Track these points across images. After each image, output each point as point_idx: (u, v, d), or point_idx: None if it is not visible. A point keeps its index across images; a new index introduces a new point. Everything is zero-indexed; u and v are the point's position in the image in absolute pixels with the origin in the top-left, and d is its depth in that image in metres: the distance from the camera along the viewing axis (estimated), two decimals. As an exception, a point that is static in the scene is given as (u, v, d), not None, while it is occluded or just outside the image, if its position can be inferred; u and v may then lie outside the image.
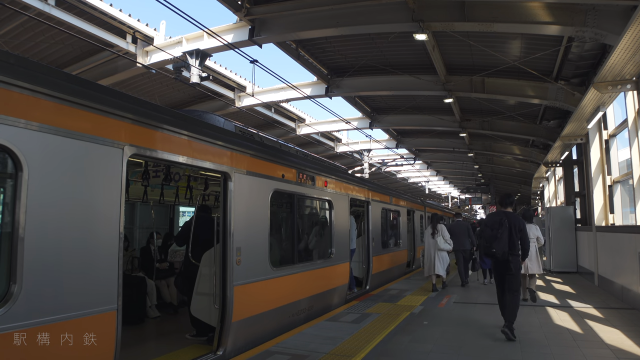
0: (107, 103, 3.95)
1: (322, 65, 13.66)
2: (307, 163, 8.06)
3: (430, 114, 17.28)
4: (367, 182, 11.92)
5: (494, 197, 32.66)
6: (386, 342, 6.05)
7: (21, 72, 3.30)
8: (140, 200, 9.02)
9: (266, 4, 9.85)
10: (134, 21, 10.97)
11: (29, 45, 10.88)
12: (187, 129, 4.96)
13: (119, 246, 3.94)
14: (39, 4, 9.08)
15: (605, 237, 10.56)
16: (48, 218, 3.40)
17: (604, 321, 7.27)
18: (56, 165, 3.50)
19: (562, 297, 9.69)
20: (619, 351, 5.58)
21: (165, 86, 14.36)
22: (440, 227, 11.18)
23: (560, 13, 8.24)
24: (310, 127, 19.59)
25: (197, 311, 5.90)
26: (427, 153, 26.91)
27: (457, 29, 9.26)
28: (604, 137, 11.54)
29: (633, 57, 6.80)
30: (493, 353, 5.59)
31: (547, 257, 15.24)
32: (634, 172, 8.71)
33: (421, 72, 12.94)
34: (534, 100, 12.97)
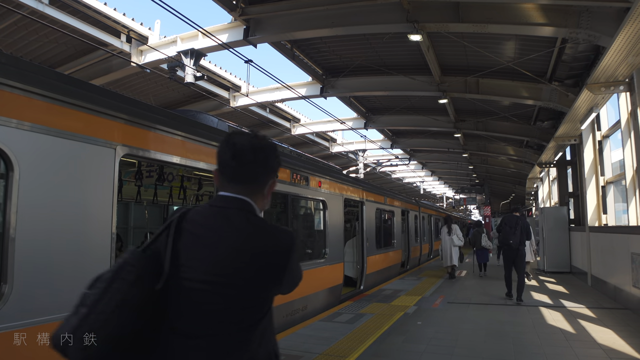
0: (99, 103, 3.93)
1: (317, 66, 13.66)
2: (301, 163, 8.06)
3: (425, 114, 17.33)
4: (362, 183, 11.94)
5: (488, 198, 32.80)
6: (380, 343, 6.05)
7: (12, 71, 3.28)
8: (133, 200, 8.99)
9: (261, 3, 9.84)
10: (129, 20, 10.92)
11: (23, 44, 10.81)
12: (181, 129, 4.95)
13: (111, 247, 3.91)
14: (32, 3, 9.01)
15: (599, 238, 10.62)
16: (39, 218, 3.38)
17: (596, 321, 7.31)
18: (48, 166, 3.47)
19: (555, 297, 9.74)
20: (611, 351, 5.61)
21: (160, 86, 14.32)
22: (454, 227, 13.31)
23: (554, 15, 8.28)
24: (305, 127, 19.58)
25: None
26: (421, 153, 26.98)
27: (452, 30, 9.28)
28: (597, 138, 11.60)
29: (626, 58, 6.84)
30: (486, 353, 5.61)
31: (541, 257, 15.30)
32: (627, 173, 8.77)
33: (416, 73, 12.97)
34: (528, 101, 13.04)
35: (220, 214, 1.52)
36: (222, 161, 1.55)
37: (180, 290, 1.44)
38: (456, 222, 14.39)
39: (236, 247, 1.46)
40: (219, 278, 1.43)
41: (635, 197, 8.25)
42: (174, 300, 1.45)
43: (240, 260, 1.45)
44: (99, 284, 1.39)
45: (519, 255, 9.03)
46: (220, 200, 1.55)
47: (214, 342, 1.43)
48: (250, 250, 1.46)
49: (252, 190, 1.57)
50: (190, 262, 1.45)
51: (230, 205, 1.53)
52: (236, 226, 1.49)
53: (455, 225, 13.44)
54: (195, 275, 1.44)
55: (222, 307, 1.43)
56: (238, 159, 1.53)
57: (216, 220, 1.51)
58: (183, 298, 1.44)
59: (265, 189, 1.61)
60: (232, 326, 1.44)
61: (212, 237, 1.47)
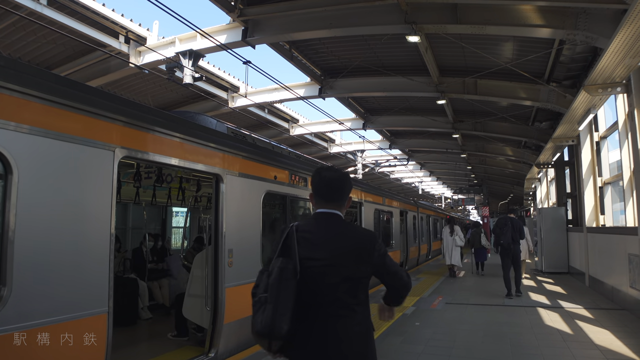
0: (98, 105, 3.94)
1: (315, 66, 13.66)
2: (299, 164, 8.07)
3: (424, 115, 17.33)
4: (360, 183, 11.95)
5: (486, 198, 32.84)
6: (378, 343, 6.02)
7: (11, 74, 3.29)
8: (132, 201, 8.99)
9: (259, 5, 9.84)
10: (127, 21, 10.90)
11: (20, 45, 10.79)
12: (179, 131, 4.96)
13: (109, 249, 3.92)
14: (30, 4, 8.99)
15: (596, 238, 10.65)
16: (38, 221, 3.39)
17: (594, 322, 7.34)
18: (47, 168, 3.48)
19: (553, 297, 9.77)
20: (608, 352, 5.64)
21: (158, 86, 14.30)
22: (456, 228, 14.23)
23: (552, 16, 8.30)
24: (304, 127, 19.58)
25: (189, 313, 5.90)
26: (420, 154, 26.98)
27: (450, 31, 9.29)
28: (594, 139, 11.65)
29: (623, 60, 6.86)
30: (484, 354, 5.63)
31: (539, 257, 15.34)
32: (624, 174, 8.80)
33: (414, 74, 12.98)
34: (526, 102, 13.05)
35: (324, 223, 2.37)
36: (318, 189, 2.43)
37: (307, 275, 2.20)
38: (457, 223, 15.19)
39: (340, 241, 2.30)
40: (334, 260, 2.23)
41: (633, 198, 8.28)
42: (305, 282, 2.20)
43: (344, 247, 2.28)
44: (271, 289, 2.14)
45: (514, 253, 9.75)
46: (322, 215, 2.40)
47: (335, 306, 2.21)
48: (348, 241, 2.31)
49: (339, 206, 2.43)
50: (312, 255, 2.24)
51: (330, 217, 2.38)
52: (337, 228, 2.35)
53: (457, 227, 14.40)
54: (316, 263, 2.22)
55: (338, 281, 2.22)
56: (330, 187, 2.41)
57: (324, 227, 2.35)
58: (310, 279, 2.20)
59: (345, 204, 2.45)
60: (345, 294, 2.22)
61: (323, 237, 2.30)
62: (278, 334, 2.11)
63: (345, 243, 2.30)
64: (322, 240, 2.29)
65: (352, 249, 2.29)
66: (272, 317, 2.09)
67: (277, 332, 2.10)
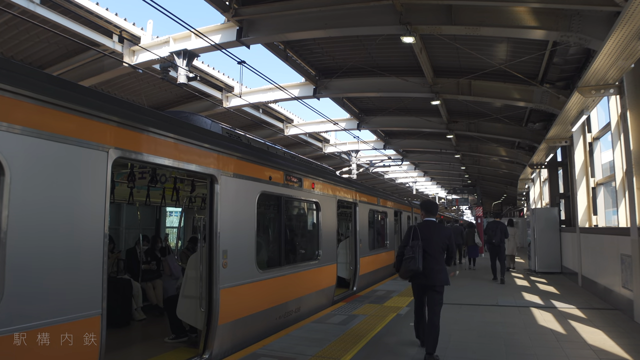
0: (91, 105, 3.91)
1: (310, 67, 13.66)
2: (294, 165, 8.06)
3: (418, 115, 17.39)
4: (355, 184, 11.95)
5: (480, 198, 32.95)
6: (373, 344, 6.07)
7: (3, 73, 3.25)
8: (126, 201, 8.94)
9: (254, 4, 9.83)
10: (121, 20, 10.84)
11: (13, 44, 10.71)
12: (173, 131, 4.94)
13: (103, 250, 3.90)
14: (23, 2, 8.93)
15: (589, 239, 10.72)
16: (31, 222, 3.36)
17: (587, 322, 7.39)
18: (39, 169, 3.45)
19: (546, 297, 9.82)
20: (600, 352, 5.67)
21: (152, 86, 14.25)
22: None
23: (546, 18, 8.35)
24: (298, 128, 19.58)
25: (183, 314, 5.87)
26: (414, 154, 27.06)
27: (444, 32, 9.33)
28: (587, 139, 11.72)
29: (616, 62, 6.91)
30: (478, 354, 5.65)
31: (532, 257, 15.42)
32: (617, 175, 8.86)
33: (409, 74, 13.01)
34: (520, 103, 13.12)
35: (428, 223, 5.79)
36: (427, 208, 6.02)
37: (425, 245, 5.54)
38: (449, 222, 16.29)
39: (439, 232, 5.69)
40: (436, 239, 5.61)
41: (625, 198, 8.34)
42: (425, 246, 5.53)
43: (440, 235, 5.67)
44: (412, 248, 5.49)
45: (500, 249, 12.67)
46: (428, 222, 5.81)
47: (435, 255, 5.58)
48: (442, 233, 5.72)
49: (434, 215, 5.97)
50: (425, 237, 5.57)
51: (433, 222, 5.82)
52: (437, 227, 5.77)
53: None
54: (429, 242, 5.56)
55: (438, 247, 5.62)
56: (432, 208, 6.03)
57: (431, 226, 5.74)
58: (426, 245, 5.54)
59: (436, 215, 6.04)
60: (439, 252, 5.62)
61: (431, 230, 5.67)
62: (418, 269, 5.40)
63: (437, 232, 5.63)
64: (428, 231, 5.62)
65: (440, 235, 5.62)
66: (416, 263, 5.38)
67: (418, 268, 5.40)
